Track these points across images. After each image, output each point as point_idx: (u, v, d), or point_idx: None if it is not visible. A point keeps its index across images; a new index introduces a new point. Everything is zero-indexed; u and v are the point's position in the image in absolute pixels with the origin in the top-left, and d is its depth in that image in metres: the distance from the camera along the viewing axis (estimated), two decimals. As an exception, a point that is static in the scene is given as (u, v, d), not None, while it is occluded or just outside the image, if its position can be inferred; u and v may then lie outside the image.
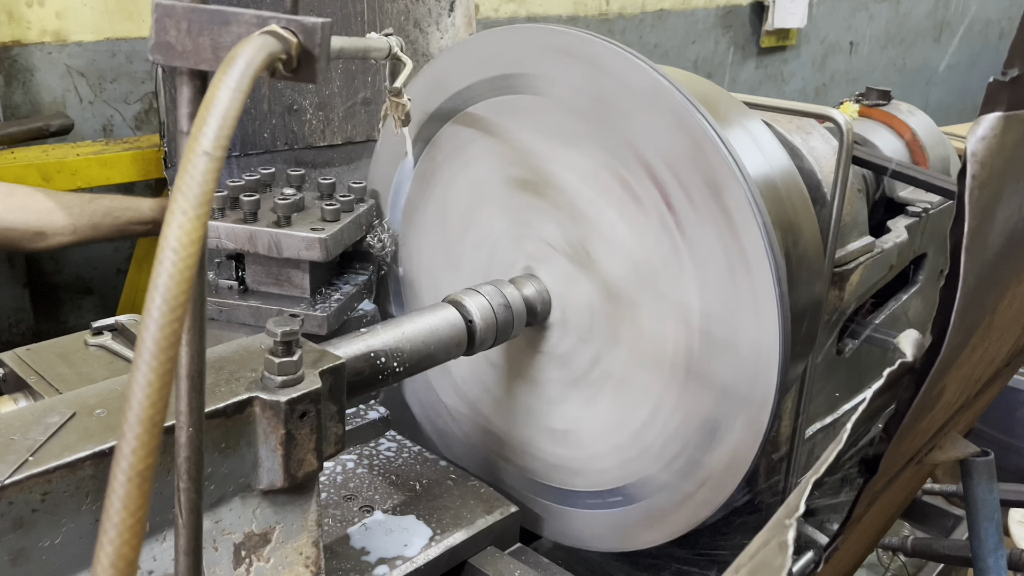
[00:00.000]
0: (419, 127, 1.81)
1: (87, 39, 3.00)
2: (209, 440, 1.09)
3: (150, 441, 0.49)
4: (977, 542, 1.22)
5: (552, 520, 1.82)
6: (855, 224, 1.89)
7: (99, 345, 1.46)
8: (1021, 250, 0.92)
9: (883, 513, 1.30)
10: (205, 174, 0.54)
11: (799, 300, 1.54)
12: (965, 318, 0.82)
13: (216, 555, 1.15)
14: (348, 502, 1.61)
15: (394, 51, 1.29)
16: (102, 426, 1.03)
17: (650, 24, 5.09)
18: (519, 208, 1.70)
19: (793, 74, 6.30)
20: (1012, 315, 1.02)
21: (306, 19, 0.72)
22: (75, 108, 3.03)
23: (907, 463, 1.05)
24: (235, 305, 1.71)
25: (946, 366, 0.86)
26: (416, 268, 1.94)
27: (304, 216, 1.74)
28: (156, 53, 0.74)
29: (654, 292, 1.53)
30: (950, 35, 7.84)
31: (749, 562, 0.70)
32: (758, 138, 1.65)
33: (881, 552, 2.32)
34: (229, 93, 0.58)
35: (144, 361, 0.50)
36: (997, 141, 0.76)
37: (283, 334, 1.13)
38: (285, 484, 1.16)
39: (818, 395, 1.94)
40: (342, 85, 2.54)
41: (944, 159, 2.37)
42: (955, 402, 1.05)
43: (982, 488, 1.20)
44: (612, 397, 1.65)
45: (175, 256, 0.51)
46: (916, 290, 2.21)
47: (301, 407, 1.14)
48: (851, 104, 2.39)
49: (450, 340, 1.54)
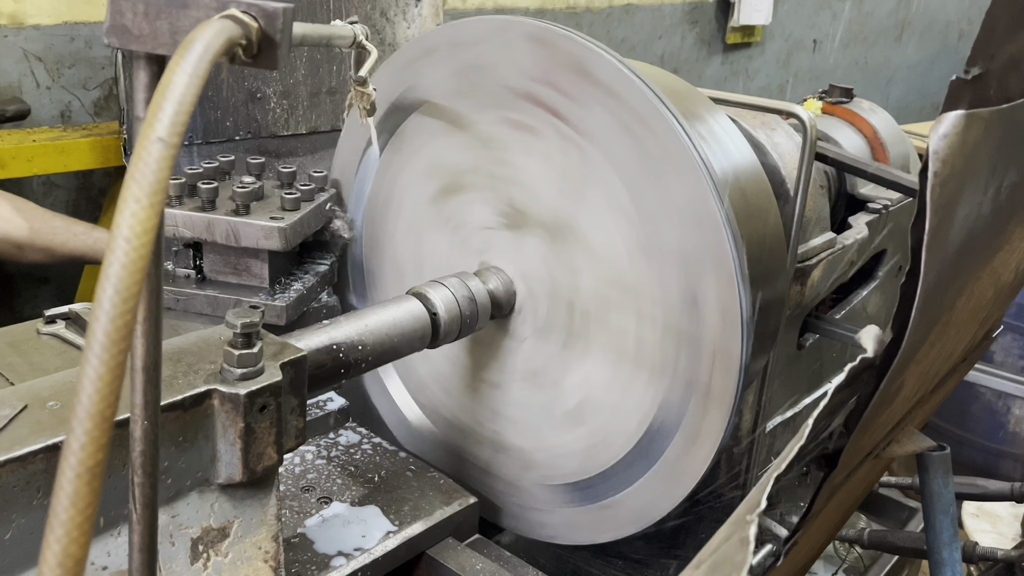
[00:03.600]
0: (383, 117, 1.80)
1: (45, 23, 2.93)
2: (166, 433, 1.07)
3: (100, 436, 0.48)
4: (932, 535, 1.24)
5: (512, 512, 1.82)
6: (817, 220, 1.90)
7: (52, 334, 1.43)
8: (980, 248, 0.94)
9: (841, 506, 1.31)
10: (160, 161, 0.52)
11: (762, 295, 1.55)
12: (925, 314, 0.83)
13: (173, 550, 1.13)
14: (306, 493, 1.60)
15: (359, 39, 1.27)
16: (55, 419, 1.00)
17: (617, 18, 5.09)
18: (454, 206, 1.74)
19: (758, 71, 6.35)
20: (970, 312, 1.03)
21: (267, 4, 0.71)
22: (32, 93, 2.96)
23: (866, 457, 1.07)
24: (192, 294, 1.68)
25: (905, 361, 0.86)
26: (380, 260, 1.93)
27: (263, 205, 1.71)
28: (111, 36, 0.72)
29: (590, 212, 1.54)
30: (911, 35, 7.95)
31: (710, 557, 0.70)
32: (723, 133, 1.66)
33: (838, 544, 2.36)
34: (185, 78, 0.57)
35: (95, 354, 0.48)
36: (959, 139, 0.77)
37: (243, 326, 1.11)
38: (244, 478, 1.14)
39: (779, 389, 1.96)
40: (307, 74, 2.50)
41: (904, 156, 2.40)
42: (913, 397, 1.06)
43: (938, 482, 1.22)
44: (575, 388, 1.65)
45: (127, 246, 0.50)
46: (876, 285, 2.24)
47: (261, 400, 1.12)
48: (814, 101, 2.41)
49: (414, 333, 1.53)
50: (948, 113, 0.76)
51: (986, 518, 3.07)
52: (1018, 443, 3.71)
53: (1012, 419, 3.69)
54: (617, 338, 1.57)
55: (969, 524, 3.05)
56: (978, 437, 3.77)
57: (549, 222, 1.61)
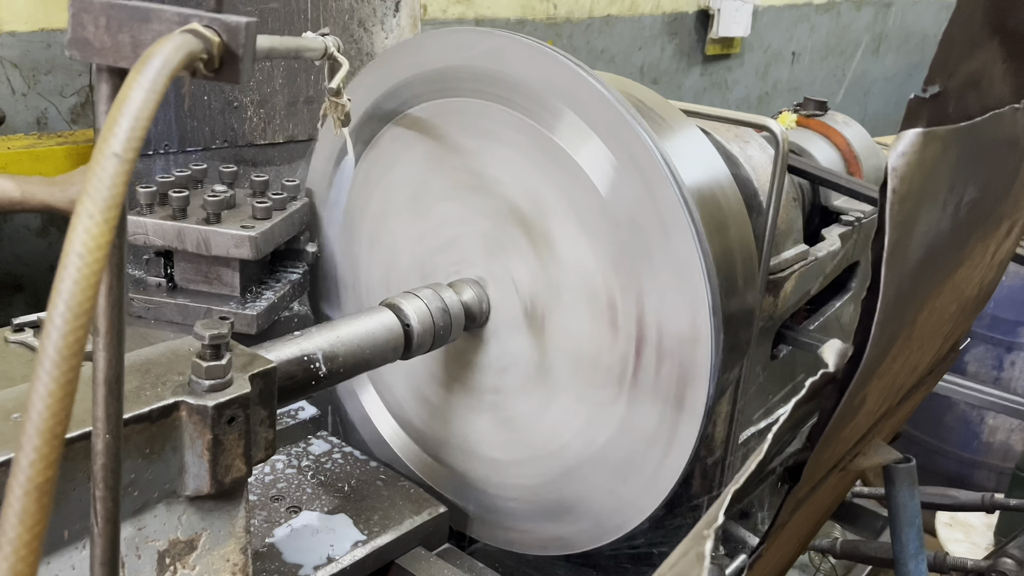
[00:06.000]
0: (359, 128, 1.80)
1: (20, 29, 2.91)
2: (133, 445, 1.06)
3: (50, 453, 0.47)
4: (899, 546, 1.25)
5: (486, 523, 1.82)
6: (790, 232, 1.92)
7: (19, 342, 1.42)
8: (940, 263, 0.95)
9: (811, 518, 1.32)
10: (114, 176, 0.52)
11: (733, 306, 1.56)
12: (886, 329, 0.84)
13: (139, 563, 1.12)
14: (275, 503, 1.59)
15: (330, 51, 1.27)
16: (18, 431, 0.99)
17: (597, 29, 5.11)
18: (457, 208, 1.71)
19: (737, 82, 6.39)
20: (932, 326, 1.04)
21: (230, 18, 0.70)
22: (7, 100, 2.93)
23: (831, 470, 1.07)
24: (163, 303, 1.67)
25: (867, 376, 0.87)
26: (354, 270, 1.92)
27: (235, 213, 1.71)
28: (73, 48, 0.72)
29: (561, 222, 1.55)
30: (888, 47, 8.03)
31: (669, 572, 0.71)
32: (695, 146, 1.67)
33: (812, 554, 2.37)
34: (143, 94, 0.57)
35: (45, 371, 0.48)
36: (917, 157, 0.78)
37: (211, 337, 1.11)
38: (212, 490, 1.14)
39: (753, 400, 1.97)
40: (284, 83, 2.50)
41: (878, 169, 2.42)
42: (877, 410, 1.07)
43: (903, 494, 1.23)
44: (548, 400, 1.65)
45: (80, 262, 0.49)
46: (849, 297, 2.26)
47: (229, 412, 1.12)
48: (789, 114, 2.43)
49: (386, 344, 1.53)
50: (906, 131, 0.77)
51: (959, 527, 3.09)
52: (992, 453, 3.74)
53: (986, 429, 3.72)
54: (586, 348, 1.57)
55: (942, 533, 3.07)
56: (952, 447, 3.80)
57: (523, 231, 1.61)
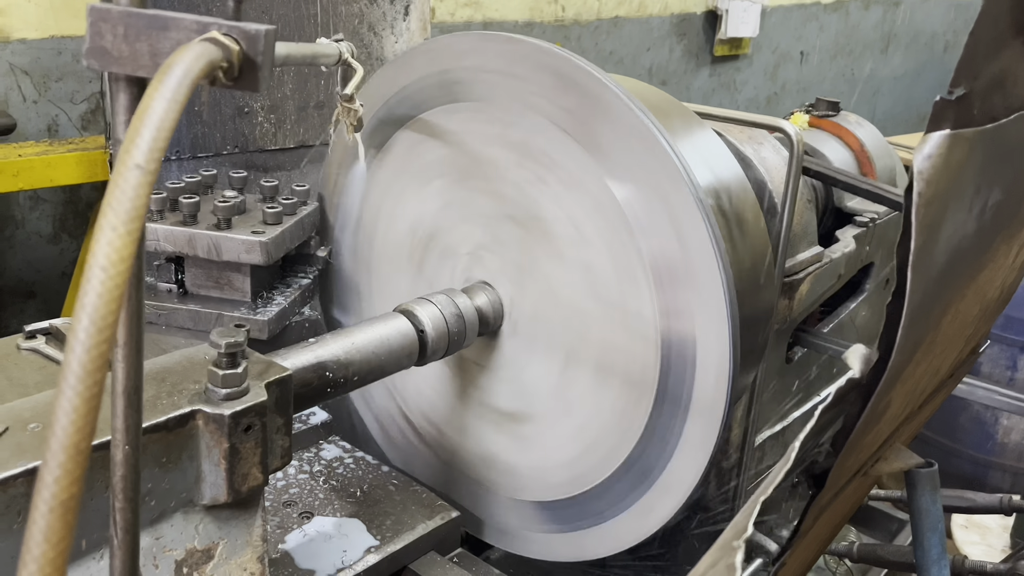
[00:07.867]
0: (371, 133, 1.79)
1: (31, 36, 2.92)
2: (150, 454, 1.06)
3: (74, 469, 0.47)
4: (921, 552, 1.24)
5: (498, 527, 1.81)
6: (805, 234, 1.91)
7: (32, 349, 1.41)
8: (965, 266, 0.94)
9: (830, 523, 1.31)
10: (136, 188, 0.52)
11: (749, 309, 1.55)
12: (911, 333, 0.83)
13: (157, 572, 1.11)
14: (288, 508, 1.59)
15: (344, 57, 1.27)
16: (36, 441, 0.99)
17: (606, 31, 5.11)
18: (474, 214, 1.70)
19: (746, 82, 6.37)
20: (955, 330, 1.03)
21: (249, 26, 0.70)
22: (18, 107, 2.94)
23: (853, 476, 1.06)
24: (174, 309, 1.67)
25: (892, 381, 0.86)
26: (368, 275, 1.92)
27: (245, 219, 1.70)
28: (91, 58, 0.71)
29: (579, 227, 1.54)
30: (897, 46, 8.01)
31: (697, 582, 0.70)
32: (710, 148, 1.66)
33: (828, 557, 2.35)
34: (164, 104, 0.56)
35: (69, 385, 0.48)
36: (943, 160, 0.77)
37: (227, 345, 1.10)
38: (229, 499, 1.13)
39: (769, 402, 1.96)
40: (294, 88, 2.49)
41: (890, 170, 2.40)
42: (900, 415, 1.06)
43: (926, 499, 1.22)
44: (566, 407, 1.64)
45: (104, 275, 0.49)
46: (864, 298, 2.24)
47: (246, 420, 1.11)
48: (801, 115, 2.42)
49: (401, 350, 1.52)
50: (932, 134, 0.76)
51: (975, 530, 3.07)
52: (1007, 454, 3.72)
53: (1000, 430, 3.70)
54: (603, 353, 1.56)
55: (958, 536, 3.05)
56: (967, 448, 3.78)
57: (538, 236, 1.60)
